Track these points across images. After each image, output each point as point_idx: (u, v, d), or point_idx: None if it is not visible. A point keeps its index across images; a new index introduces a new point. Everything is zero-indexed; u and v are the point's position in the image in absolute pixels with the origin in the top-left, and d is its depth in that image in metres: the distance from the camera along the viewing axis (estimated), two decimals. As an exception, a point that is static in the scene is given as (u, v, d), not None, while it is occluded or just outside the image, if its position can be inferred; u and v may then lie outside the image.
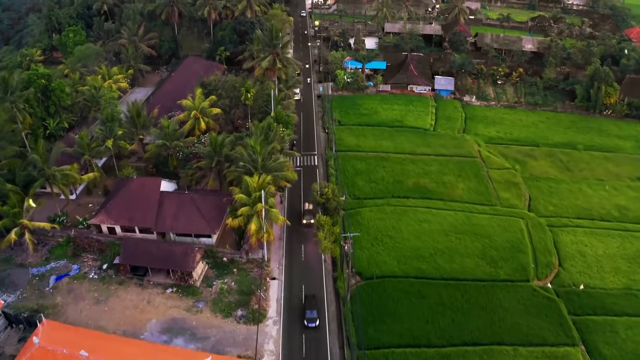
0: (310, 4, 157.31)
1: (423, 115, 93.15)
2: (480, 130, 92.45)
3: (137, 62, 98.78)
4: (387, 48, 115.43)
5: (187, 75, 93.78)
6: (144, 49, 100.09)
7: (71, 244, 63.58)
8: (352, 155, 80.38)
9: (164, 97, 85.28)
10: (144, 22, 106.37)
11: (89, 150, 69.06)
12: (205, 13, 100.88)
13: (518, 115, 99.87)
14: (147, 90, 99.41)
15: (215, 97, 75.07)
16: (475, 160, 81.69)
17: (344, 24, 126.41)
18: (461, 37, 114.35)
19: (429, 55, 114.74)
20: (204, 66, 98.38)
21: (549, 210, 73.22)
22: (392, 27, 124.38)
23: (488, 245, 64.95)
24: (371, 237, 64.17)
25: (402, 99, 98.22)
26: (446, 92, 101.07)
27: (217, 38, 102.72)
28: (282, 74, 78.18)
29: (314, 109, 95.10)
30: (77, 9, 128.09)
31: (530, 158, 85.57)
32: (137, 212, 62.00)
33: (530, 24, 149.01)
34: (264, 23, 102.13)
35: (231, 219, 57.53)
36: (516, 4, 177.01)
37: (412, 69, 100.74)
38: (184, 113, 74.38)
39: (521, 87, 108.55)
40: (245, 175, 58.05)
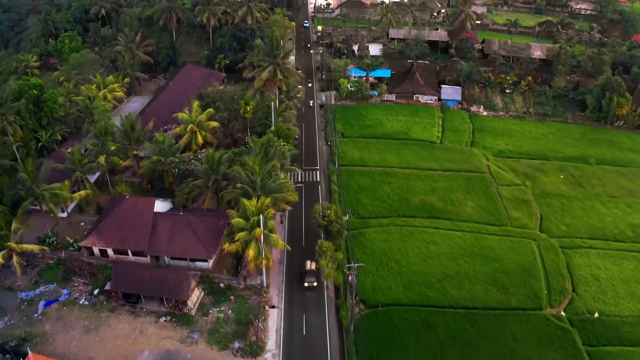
0: (313, 8, 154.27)
1: (429, 127, 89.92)
2: (489, 143, 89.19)
3: (134, 70, 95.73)
4: (391, 55, 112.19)
5: (184, 84, 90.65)
6: (141, 56, 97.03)
7: (61, 266, 60.70)
8: (356, 170, 77.25)
9: (160, 108, 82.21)
10: (141, 28, 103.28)
11: (81, 167, 66.05)
12: (204, 19, 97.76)
13: (527, 127, 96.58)
14: (144, 99, 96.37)
15: (212, 110, 72.01)
16: (484, 175, 78.47)
17: (348, 30, 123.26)
18: (468, 44, 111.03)
19: (435, 63, 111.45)
20: (202, 75, 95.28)
21: (561, 231, 70.00)
22: (396, 33, 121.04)
23: (498, 269, 61.79)
24: (376, 260, 61.05)
25: (407, 109, 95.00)
26: (453, 102, 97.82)
27: (217, 45, 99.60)
28: (283, 85, 75.03)
29: (316, 120, 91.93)
30: (74, 13, 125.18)
31: (540, 173, 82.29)
32: (129, 234, 58.99)
33: (538, 29, 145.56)
34: (264, 30, 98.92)
35: (228, 243, 54.51)
36: (522, 8, 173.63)
37: (418, 78, 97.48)
38: (180, 126, 71.35)
39: (530, 97, 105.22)
40: (243, 197, 55.02)
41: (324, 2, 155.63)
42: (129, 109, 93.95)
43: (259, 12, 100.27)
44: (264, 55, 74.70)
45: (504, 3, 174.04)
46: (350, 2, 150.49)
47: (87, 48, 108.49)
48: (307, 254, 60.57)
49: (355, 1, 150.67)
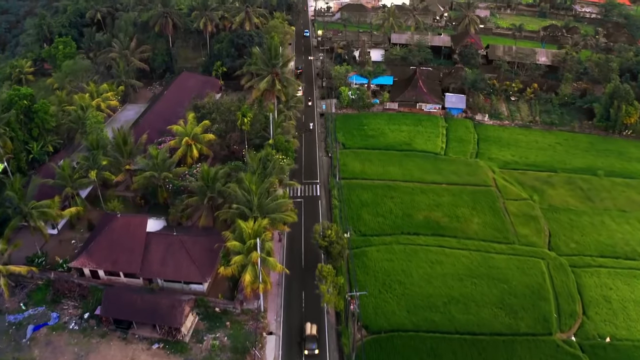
0: (313, 11, 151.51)
1: (433, 137, 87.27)
2: (494, 154, 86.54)
3: (129, 78, 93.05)
4: (393, 61, 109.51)
5: (180, 93, 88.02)
6: (136, 63, 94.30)
7: (51, 288, 58.17)
8: (357, 183, 74.62)
9: (154, 119, 79.53)
10: (137, 34, 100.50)
11: (72, 182, 63.46)
12: (201, 25, 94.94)
13: (534, 136, 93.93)
14: (139, 108, 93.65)
15: (208, 122, 69.36)
16: (490, 189, 75.83)
17: (349, 34, 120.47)
18: (472, 50, 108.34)
19: (438, 69, 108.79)
20: (199, 82, 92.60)
21: (570, 248, 67.42)
22: (399, 38, 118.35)
23: (506, 291, 59.20)
24: (379, 282, 58.46)
25: (410, 118, 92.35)
26: (457, 110, 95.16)
27: (214, 51, 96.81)
28: (282, 95, 72.35)
29: (316, 129, 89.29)
30: (69, 17, 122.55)
31: (548, 186, 79.65)
32: (121, 255, 56.38)
33: (542, 33, 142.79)
34: (263, 36, 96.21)
35: (223, 267, 51.92)
36: (526, 12, 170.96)
37: (422, 86, 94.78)
38: (175, 139, 68.70)
39: (536, 105, 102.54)
40: (239, 218, 52.42)
41: (324, 5, 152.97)
42: (123, 117, 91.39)
43: (257, 18, 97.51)
44: (262, 65, 72.00)
45: (507, 6, 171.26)
46: (351, 5, 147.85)
47: (81, 54, 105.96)
48: (307, 275, 58.08)
49: (355, 5, 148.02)
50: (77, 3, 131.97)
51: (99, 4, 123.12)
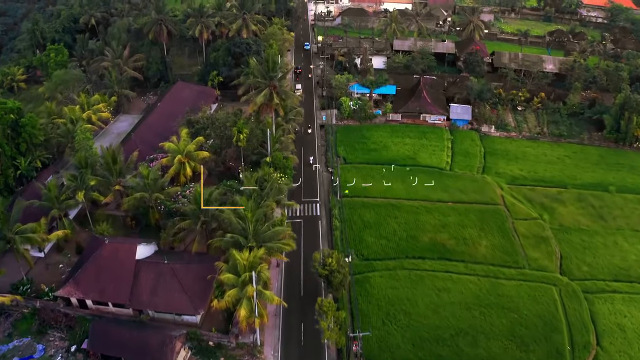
0: (313, 15, 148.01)
1: (438, 151, 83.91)
2: (502, 168, 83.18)
3: (122, 87, 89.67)
4: (396, 69, 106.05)
5: (175, 104, 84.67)
6: (129, 72, 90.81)
7: (37, 317, 54.99)
8: (359, 202, 71.30)
9: (147, 133, 76.23)
10: (130, 42, 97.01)
11: (58, 203, 60.23)
12: (196, 33, 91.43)
13: (542, 149, 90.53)
14: (133, 118, 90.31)
15: (202, 138, 66.01)
16: (498, 208, 72.51)
17: (350, 41, 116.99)
18: (477, 57, 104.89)
19: (443, 77, 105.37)
20: (194, 93, 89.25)
21: (582, 272, 64.16)
22: (401, 45, 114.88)
23: (517, 321, 55.95)
24: (382, 312, 55.20)
25: (414, 130, 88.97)
26: (463, 122, 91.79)
27: (210, 60, 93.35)
28: (280, 109, 69.03)
29: (316, 142, 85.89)
30: (63, 22, 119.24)
31: (558, 203, 76.33)
32: (109, 284, 53.10)
33: (548, 39, 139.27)
34: (261, 44, 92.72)
35: (217, 300, 48.67)
36: (531, 16, 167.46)
37: (426, 96, 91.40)
38: (167, 157, 65.38)
39: (543, 115, 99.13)
40: (233, 247, 49.16)
41: (325, 9, 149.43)
42: (116, 129, 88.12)
43: (255, 25, 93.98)
44: (260, 77, 68.58)
45: (511, 10, 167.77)
46: (352, 10, 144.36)
47: (74, 61, 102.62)
48: (307, 304, 54.80)
49: (356, 9, 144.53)
50: (71, 8, 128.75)
51: (93, 9, 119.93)
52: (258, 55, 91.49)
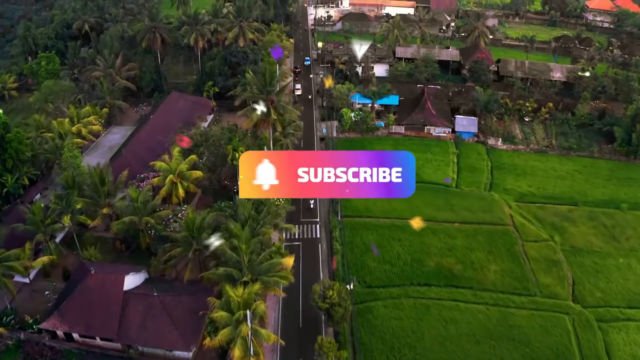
0: (313, 20, 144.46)
1: (443, 166, 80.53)
2: (510, 184, 79.86)
3: (114, 98, 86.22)
4: (398, 77, 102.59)
5: (169, 116, 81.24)
6: (121, 82, 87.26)
7: (21, 350, 51.73)
8: (361, 222, 67.98)
9: (139, 148, 72.83)
10: (123, 50, 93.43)
11: (44, 228, 56.88)
12: (191, 41, 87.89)
13: (551, 163, 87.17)
14: (126, 130, 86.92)
15: (195, 156, 62.61)
16: (507, 229, 69.16)
17: (351, 48, 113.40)
18: (483, 65, 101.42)
19: (447, 87, 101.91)
20: (189, 104, 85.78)
21: (596, 298, 60.85)
22: (404, 52, 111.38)
23: (529, 356, 52.58)
24: (386, 346, 51.87)
25: (418, 143, 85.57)
26: (468, 134, 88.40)
27: (205, 69, 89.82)
28: (278, 124, 65.62)
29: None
30: (55, 28, 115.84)
31: (569, 223, 72.98)
32: (95, 317, 49.75)
33: (554, 44, 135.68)
34: (258, 53, 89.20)
35: (209, 338, 45.37)
36: (535, 20, 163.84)
37: (430, 107, 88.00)
38: (159, 177, 61.99)
39: (552, 126, 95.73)
40: (226, 281, 45.84)
41: (325, 13, 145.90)
42: (108, 142, 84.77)
43: (252, 33, 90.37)
44: (256, 91, 65.11)
45: (515, 14, 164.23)
46: (353, 14, 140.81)
47: (65, 69, 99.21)
48: (306, 338, 51.46)
49: (357, 14, 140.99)
50: (64, 13, 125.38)
51: (86, 14, 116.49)
52: (255, 64, 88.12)
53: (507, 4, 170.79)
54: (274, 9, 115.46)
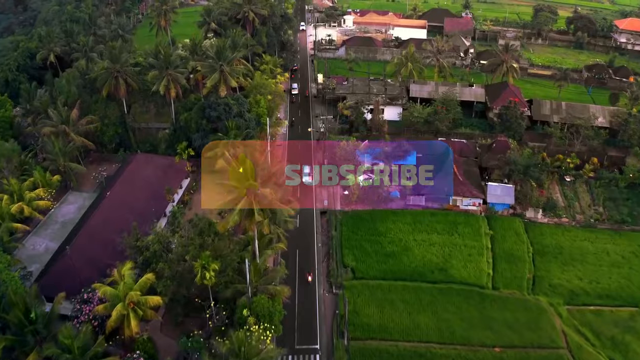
0: (313, 44, 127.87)
1: (475, 255, 64.21)
2: (557, 277, 63.69)
3: (68, 160, 69.91)
4: (414, 124, 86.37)
5: (132, 189, 65.08)
6: (77, 141, 70.69)
7: None
8: (375, 348, 51.66)
9: (89, 244, 56.47)
10: (82, 97, 76.71)
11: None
12: (160, 89, 71.22)
13: (601, 242, 70.84)
14: (84, 200, 70.51)
15: (153, 276, 46.30)
16: (561, 355, 52.92)
17: (356, 84, 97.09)
18: (516, 113, 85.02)
19: (473, 137, 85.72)
20: (158, 168, 69.56)
21: None
22: (419, 91, 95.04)
23: None
24: None
25: (442, 220, 69.19)
26: (503, 206, 72.30)
27: (180, 122, 73.32)
28: (265, 226, 49.30)
29: (315, 240, 66.13)
30: (17, 59, 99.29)
31: (632, 336, 56.59)
32: None
33: (586, 75, 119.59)
34: (244, 103, 72.62)
35: None
36: (560, 41, 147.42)
37: (457, 172, 71.80)
38: (104, 305, 45.71)
39: (598, 188, 79.71)
40: None
41: (326, 36, 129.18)
42: (62, 216, 68.48)
43: (236, 80, 73.22)
44: (235, 182, 48.66)
45: (537, 35, 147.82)
46: (358, 38, 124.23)
47: (18, 117, 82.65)
48: None
49: (362, 38, 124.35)
50: (31, 39, 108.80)
51: (52, 42, 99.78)
52: (241, 117, 71.76)
53: (527, 22, 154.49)
54: (266, 38, 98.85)
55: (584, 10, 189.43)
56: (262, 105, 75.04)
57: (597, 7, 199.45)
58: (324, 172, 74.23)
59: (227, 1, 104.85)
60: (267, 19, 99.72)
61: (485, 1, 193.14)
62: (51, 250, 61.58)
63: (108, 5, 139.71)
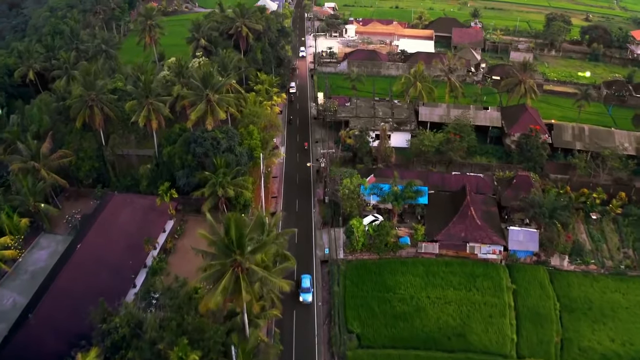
0: (312, 56, 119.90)
1: (497, 316, 56.21)
2: (586, 338, 55.70)
3: (38, 201, 62.03)
4: (425, 154, 78.45)
5: (108, 237, 57.02)
6: (48, 179, 62.75)
7: None
8: None
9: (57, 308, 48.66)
10: (56, 126, 68.69)
11: None
12: (140, 121, 63.06)
13: (634, 293, 62.51)
14: (57, 243, 62.71)
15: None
16: None
17: (360, 105, 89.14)
18: (537, 143, 77.05)
19: (489, 168, 77.75)
20: (139, 211, 61.51)
21: None
22: (429, 114, 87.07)
23: None
24: None
25: (458, 271, 61.18)
26: (525, 253, 64.46)
27: (163, 157, 65.33)
28: (254, 306, 41.49)
29: (315, 302, 58.03)
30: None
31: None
32: None
33: (605, 92, 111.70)
34: (235, 136, 64.47)
35: None
36: (574, 53, 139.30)
37: (474, 215, 63.87)
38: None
39: (626, 227, 71.87)
40: None
41: (327, 49, 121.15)
42: (32, 264, 60.66)
43: (224, 111, 64.65)
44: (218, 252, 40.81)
45: (550, 46, 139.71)
46: (361, 52, 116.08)
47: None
48: None
49: (367, 51, 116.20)
50: (11, 53, 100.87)
51: (31, 58, 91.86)
52: (231, 152, 63.83)
53: (539, 32, 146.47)
54: (261, 54, 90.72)
55: (595, 17, 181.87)
56: (255, 137, 67.14)
57: (609, 14, 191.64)
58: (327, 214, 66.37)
59: (219, 14, 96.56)
60: (262, 34, 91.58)
61: (492, 8, 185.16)
62: (19, 307, 53.87)
63: (96, 14, 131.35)
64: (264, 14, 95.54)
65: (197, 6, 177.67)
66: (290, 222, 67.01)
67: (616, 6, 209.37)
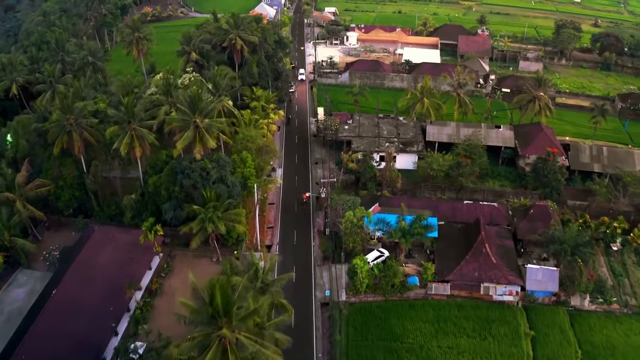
0: (312, 66, 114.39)
1: (515, 370, 51.24)
2: (615, 396, 50.91)
3: (12, 234, 56.61)
4: (433, 178, 72.96)
5: (86, 281, 51.63)
6: (23, 213, 57.27)
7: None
8: None
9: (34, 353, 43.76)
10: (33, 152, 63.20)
11: None
12: (122, 149, 57.44)
13: (662, 336, 58.05)
14: (35, 280, 57.63)
15: None
16: None
17: (363, 122, 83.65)
18: (554, 168, 71.53)
19: (504, 198, 72.04)
20: (122, 247, 56.06)
21: None
22: (437, 134, 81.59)
23: None
24: None
25: (471, 315, 55.71)
26: (544, 293, 59.06)
27: (148, 188, 59.89)
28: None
29: (314, 348, 52.68)
30: None
31: None
32: None
33: (621, 105, 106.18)
34: (226, 165, 58.87)
35: None
36: (585, 62, 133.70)
37: (489, 252, 58.40)
38: None
39: (651, 260, 66.64)
40: None
41: (327, 58, 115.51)
42: (9, 303, 56.06)
43: (214, 137, 58.74)
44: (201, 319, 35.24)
45: (560, 54, 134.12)
46: (363, 63, 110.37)
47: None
48: None
49: (369, 62, 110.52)
50: None
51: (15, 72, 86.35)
52: (222, 182, 58.30)
53: (548, 39, 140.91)
54: (257, 67, 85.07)
55: (604, 22, 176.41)
56: (250, 165, 61.67)
57: (617, 19, 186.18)
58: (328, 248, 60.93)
59: (212, 25, 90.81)
60: (258, 46, 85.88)
61: (498, 13, 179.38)
62: (-6, 353, 48.95)
63: (86, 20, 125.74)
64: (260, 24, 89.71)
65: (193, 11, 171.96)
66: (287, 256, 61.66)
67: (624, 10, 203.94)
